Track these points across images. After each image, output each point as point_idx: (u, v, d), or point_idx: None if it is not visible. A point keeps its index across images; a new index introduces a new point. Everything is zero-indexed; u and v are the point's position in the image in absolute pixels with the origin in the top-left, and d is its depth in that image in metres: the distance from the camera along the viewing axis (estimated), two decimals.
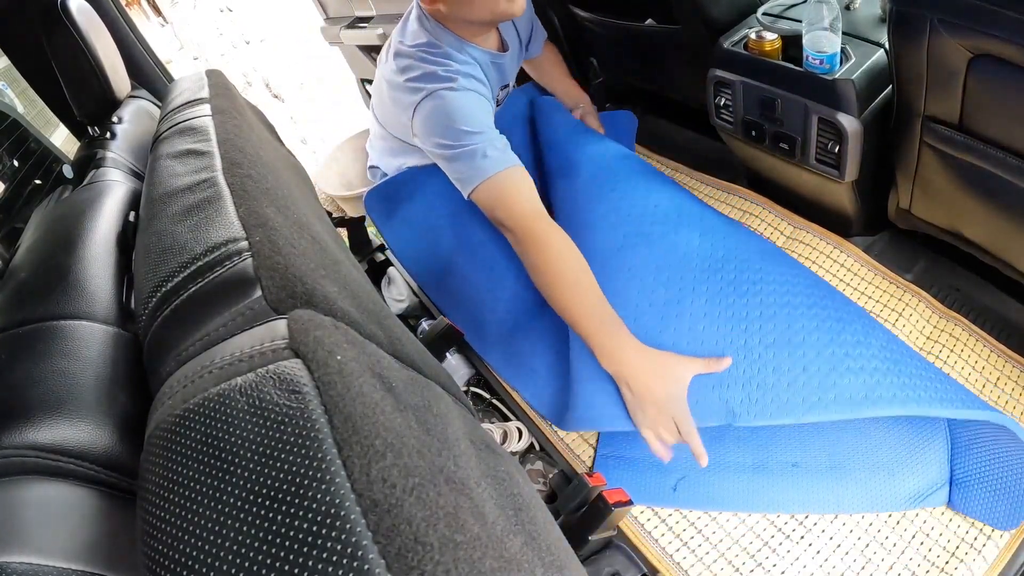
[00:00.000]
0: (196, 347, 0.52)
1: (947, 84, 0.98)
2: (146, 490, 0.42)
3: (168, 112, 0.99)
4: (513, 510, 0.53)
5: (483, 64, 1.29)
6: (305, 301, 0.53)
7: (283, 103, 4.17)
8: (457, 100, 1.15)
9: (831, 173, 1.25)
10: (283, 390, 0.40)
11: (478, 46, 1.28)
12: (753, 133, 1.35)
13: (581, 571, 0.61)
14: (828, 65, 1.13)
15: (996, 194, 1.04)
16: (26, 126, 1.25)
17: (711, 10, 1.33)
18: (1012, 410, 1.12)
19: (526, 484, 0.67)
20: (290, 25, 4.21)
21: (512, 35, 1.42)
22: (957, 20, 0.88)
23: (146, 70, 1.63)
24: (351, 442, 0.38)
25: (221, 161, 0.76)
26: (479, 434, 0.66)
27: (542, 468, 1.17)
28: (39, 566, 0.42)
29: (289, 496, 0.35)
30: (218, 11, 4.29)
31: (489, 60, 1.31)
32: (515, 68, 1.49)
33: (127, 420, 0.59)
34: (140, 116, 1.30)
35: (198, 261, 0.60)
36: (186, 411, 0.42)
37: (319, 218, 1.03)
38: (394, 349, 0.61)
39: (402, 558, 0.33)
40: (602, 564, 1.01)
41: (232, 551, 0.35)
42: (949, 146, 1.05)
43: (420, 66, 1.19)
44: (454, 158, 1.13)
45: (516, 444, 1.21)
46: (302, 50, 4.12)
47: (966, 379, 1.16)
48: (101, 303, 0.71)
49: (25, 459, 0.50)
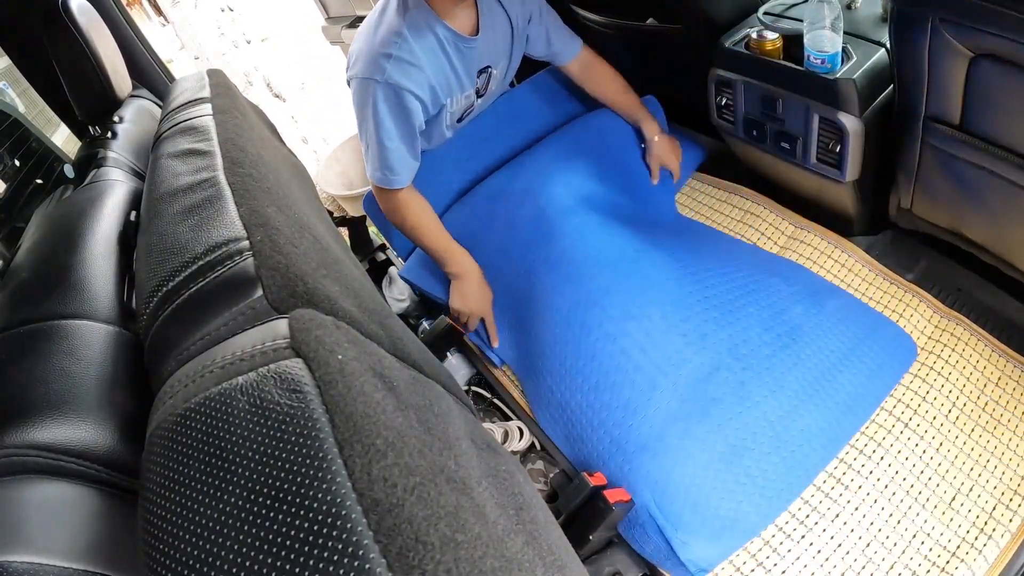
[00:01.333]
0: (197, 346, 0.52)
1: (948, 84, 0.97)
2: (147, 489, 0.42)
3: (169, 112, 0.99)
4: (514, 509, 0.53)
5: (447, 46, 1.24)
6: (306, 300, 0.53)
7: (284, 103, 4.16)
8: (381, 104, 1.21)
9: (832, 173, 1.25)
10: (284, 389, 0.40)
11: (448, 24, 1.22)
12: (754, 133, 1.35)
13: (582, 570, 0.61)
14: (829, 65, 1.13)
15: (997, 194, 1.04)
16: (27, 126, 1.25)
17: (712, 10, 1.33)
18: (1014, 410, 1.12)
19: (527, 483, 0.67)
20: (291, 25, 4.21)
21: (500, 19, 1.34)
22: (958, 20, 0.88)
23: (147, 70, 1.63)
24: (352, 441, 0.38)
25: (222, 161, 0.76)
26: (480, 433, 0.66)
27: (543, 467, 1.17)
28: (40, 565, 0.42)
29: (290, 495, 0.35)
30: (219, 11, 4.29)
31: (455, 41, 1.24)
32: (505, 54, 1.39)
33: (128, 419, 0.59)
34: (141, 116, 1.30)
35: (199, 260, 0.60)
36: (187, 410, 0.43)
37: (320, 218, 1.03)
38: (395, 348, 0.61)
39: (403, 557, 0.33)
40: (603, 563, 1.01)
41: (233, 550, 0.35)
42: (950, 146, 1.05)
43: (373, 40, 1.20)
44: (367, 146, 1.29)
45: (517, 443, 1.21)
46: (303, 50, 4.12)
47: (967, 378, 1.16)
48: (102, 303, 0.71)
49: (26, 458, 0.50)
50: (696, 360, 1.09)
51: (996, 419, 1.11)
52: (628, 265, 1.18)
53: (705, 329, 1.12)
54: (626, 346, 1.09)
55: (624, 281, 1.15)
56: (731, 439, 1.05)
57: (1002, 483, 1.05)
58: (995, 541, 1.00)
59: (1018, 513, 1.02)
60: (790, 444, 1.05)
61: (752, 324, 1.17)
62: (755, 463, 1.03)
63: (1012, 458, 1.07)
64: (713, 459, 1.02)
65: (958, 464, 1.08)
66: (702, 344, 1.10)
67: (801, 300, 1.23)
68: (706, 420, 1.05)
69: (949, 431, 1.12)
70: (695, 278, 1.21)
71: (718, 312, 1.15)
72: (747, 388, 1.10)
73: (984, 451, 1.08)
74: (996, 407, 1.13)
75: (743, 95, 1.31)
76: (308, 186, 1.27)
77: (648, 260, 1.21)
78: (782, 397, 1.10)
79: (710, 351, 1.11)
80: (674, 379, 1.06)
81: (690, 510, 0.98)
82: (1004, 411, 1.12)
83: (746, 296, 1.21)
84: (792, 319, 1.20)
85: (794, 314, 1.21)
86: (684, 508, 0.98)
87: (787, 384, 1.11)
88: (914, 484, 1.08)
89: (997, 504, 1.03)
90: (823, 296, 1.25)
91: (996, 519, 1.02)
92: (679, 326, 1.11)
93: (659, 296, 1.14)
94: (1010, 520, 1.01)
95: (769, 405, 1.09)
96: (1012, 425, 1.10)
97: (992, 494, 1.04)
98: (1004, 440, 1.09)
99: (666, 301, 1.13)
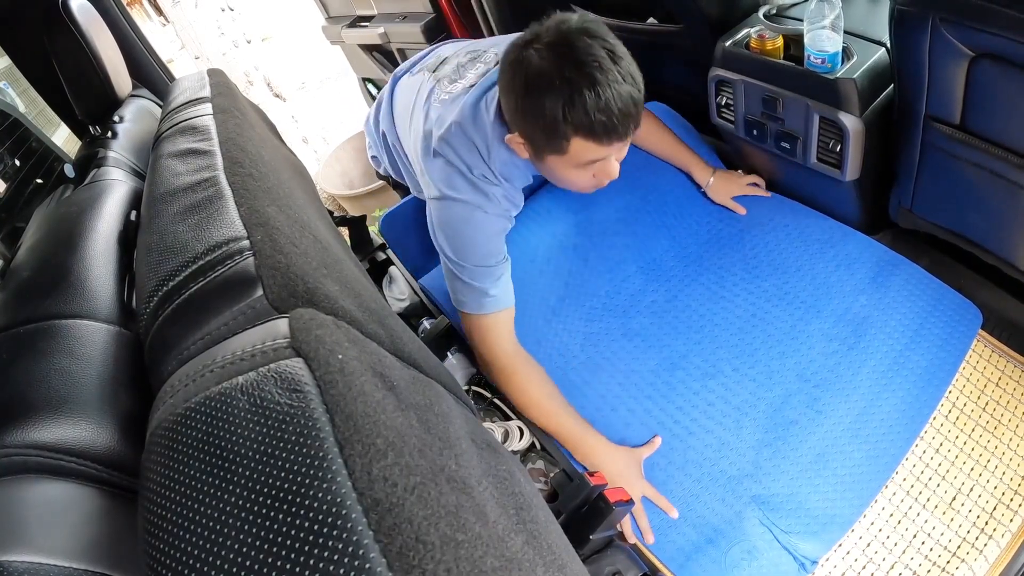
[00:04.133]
0: (197, 346, 0.52)
1: (949, 84, 0.97)
2: (147, 489, 0.42)
3: (169, 111, 0.99)
4: (514, 509, 0.53)
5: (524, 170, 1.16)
6: (306, 300, 0.53)
7: (284, 102, 4.17)
8: (481, 225, 1.10)
9: (833, 172, 1.25)
10: (284, 389, 0.40)
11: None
12: (754, 132, 1.35)
13: (582, 570, 0.61)
14: (830, 64, 1.13)
15: (998, 193, 1.04)
16: (27, 125, 1.25)
17: (712, 10, 1.33)
18: (1014, 410, 1.12)
19: (527, 483, 0.67)
20: (292, 24, 4.21)
21: None
22: (959, 19, 0.88)
23: (147, 69, 1.63)
24: (352, 441, 0.38)
25: (222, 160, 0.76)
26: (480, 433, 0.66)
27: (543, 467, 1.17)
28: (40, 565, 0.42)
29: (290, 495, 0.35)
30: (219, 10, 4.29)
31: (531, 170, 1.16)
32: None
33: (129, 419, 0.59)
34: (141, 115, 1.30)
35: (199, 260, 0.60)
36: (187, 410, 0.42)
37: (321, 217, 1.03)
38: (396, 348, 0.61)
39: (403, 557, 0.33)
40: (603, 563, 1.00)
41: (233, 550, 0.35)
42: (951, 146, 1.05)
43: (462, 166, 1.09)
44: (456, 276, 1.13)
45: (517, 443, 1.21)
46: (304, 49, 4.12)
47: (967, 378, 1.16)
48: (103, 302, 0.71)
49: (27, 458, 0.50)
50: (768, 396, 1.18)
51: (996, 419, 1.11)
52: (697, 333, 1.31)
53: (771, 367, 1.21)
54: (711, 399, 1.21)
55: (696, 347, 1.28)
56: (815, 449, 1.10)
57: (1002, 483, 1.05)
58: (996, 541, 1.00)
59: (1019, 513, 1.02)
60: (871, 436, 1.10)
61: (815, 341, 1.22)
62: (841, 463, 1.08)
63: (1012, 458, 1.07)
64: (803, 470, 1.09)
65: (958, 464, 1.08)
66: (771, 382, 1.19)
67: (865, 288, 1.27)
68: (789, 440, 1.12)
69: (949, 431, 1.12)
70: (756, 319, 1.29)
71: (782, 345, 1.23)
72: (820, 403, 1.15)
73: (984, 451, 1.09)
74: (996, 407, 1.13)
75: (743, 95, 1.31)
76: (309, 186, 1.27)
77: (713, 323, 1.31)
78: (855, 396, 1.14)
79: (779, 385, 1.19)
80: (753, 416, 1.16)
81: (792, 516, 1.05)
82: (1004, 411, 1.12)
83: (808, 310, 1.27)
84: (857, 313, 1.24)
85: (859, 307, 1.25)
86: (787, 515, 1.05)
87: (858, 383, 1.16)
88: (914, 484, 1.08)
89: (998, 504, 1.03)
90: (887, 273, 1.28)
91: (996, 519, 1.02)
92: (749, 373, 1.22)
93: (728, 352, 1.26)
94: (1011, 520, 1.02)
95: (844, 409, 1.13)
96: (1012, 425, 1.10)
97: (992, 494, 1.04)
98: (1004, 440, 1.09)
99: (734, 355, 1.25)
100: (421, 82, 1.25)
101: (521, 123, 1.01)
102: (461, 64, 1.20)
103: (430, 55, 1.36)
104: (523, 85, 0.96)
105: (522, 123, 1.01)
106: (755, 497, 1.08)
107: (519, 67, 0.96)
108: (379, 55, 2.49)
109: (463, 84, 1.15)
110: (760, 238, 1.41)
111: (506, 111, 1.04)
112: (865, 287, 1.27)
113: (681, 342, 1.30)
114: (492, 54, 1.18)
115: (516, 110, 1.00)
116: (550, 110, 0.93)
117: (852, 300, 1.26)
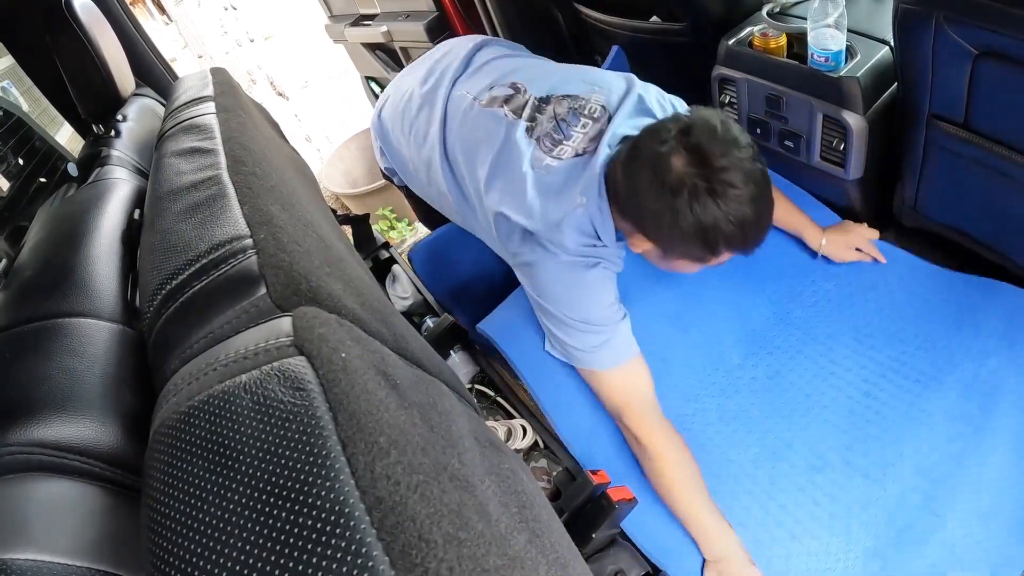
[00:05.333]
0: (200, 344, 0.52)
1: (953, 82, 0.97)
2: (150, 487, 0.42)
3: (172, 110, 0.99)
4: (517, 507, 0.53)
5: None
6: (310, 298, 0.53)
7: (288, 101, 4.16)
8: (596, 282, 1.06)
9: (836, 171, 1.25)
10: (287, 387, 0.40)
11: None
12: (758, 131, 1.34)
13: (585, 569, 0.61)
14: (833, 63, 1.13)
15: (1002, 192, 1.03)
16: (31, 124, 1.25)
17: (716, 8, 1.33)
18: None
19: (530, 481, 0.67)
20: (294, 23, 4.21)
21: None
22: (963, 18, 0.88)
23: (150, 68, 1.63)
24: (355, 439, 0.38)
25: (226, 159, 0.76)
26: (483, 431, 0.65)
27: (546, 466, 1.17)
28: (43, 563, 0.42)
29: (293, 493, 0.35)
30: (222, 9, 4.28)
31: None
32: None
33: (132, 417, 0.59)
34: (145, 114, 1.30)
35: (203, 259, 0.60)
36: (190, 408, 0.42)
37: (324, 216, 1.03)
38: (399, 346, 0.61)
39: (406, 555, 0.33)
40: (606, 562, 1.01)
41: (236, 548, 0.35)
42: (955, 144, 1.04)
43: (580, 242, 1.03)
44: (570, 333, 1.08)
45: (520, 441, 1.21)
46: (307, 48, 4.12)
47: None
48: (106, 301, 0.71)
49: (30, 456, 0.50)
50: (883, 496, 1.04)
51: None
52: (803, 416, 1.15)
53: (886, 459, 1.07)
54: (817, 497, 1.07)
55: (802, 433, 1.13)
56: (929, 560, 0.98)
57: None
58: None
59: None
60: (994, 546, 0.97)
61: (936, 422, 1.08)
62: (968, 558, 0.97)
63: None
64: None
65: None
66: (884, 479, 1.05)
67: (995, 350, 1.11)
68: (904, 549, 0.99)
69: None
70: (870, 398, 1.14)
71: (897, 430, 1.09)
72: (937, 502, 1.01)
73: None
74: None
75: (747, 93, 1.31)
76: (312, 184, 1.27)
77: (821, 404, 1.16)
78: (982, 493, 1.01)
79: (894, 483, 1.05)
80: (864, 521, 1.02)
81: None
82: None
83: (928, 387, 1.12)
84: (986, 382, 1.09)
85: (987, 372, 1.10)
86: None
87: (984, 478, 1.01)
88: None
89: None
90: (1020, 323, 1.12)
91: None
92: (860, 466, 1.07)
93: (837, 441, 1.11)
94: None
95: (967, 510, 1.00)
96: None
97: None
98: None
99: (845, 444, 1.10)
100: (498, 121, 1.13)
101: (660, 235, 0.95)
102: (561, 117, 1.09)
103: (455, 58, 1.28)
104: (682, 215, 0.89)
105: (665, 237, 0.95)
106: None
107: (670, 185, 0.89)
108: (382, 54, 2.49)
109: (570, 147, 1.06)
110: (874, 301, 1.25)
111: (638, 211, 0.96)
112: (995, 347, 1.11)
113: (784, 427, 1.14)
114: (596, 105, 1.08)
115: (660, 225, 0.93)
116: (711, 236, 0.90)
117: (980, 365, 1.11)
